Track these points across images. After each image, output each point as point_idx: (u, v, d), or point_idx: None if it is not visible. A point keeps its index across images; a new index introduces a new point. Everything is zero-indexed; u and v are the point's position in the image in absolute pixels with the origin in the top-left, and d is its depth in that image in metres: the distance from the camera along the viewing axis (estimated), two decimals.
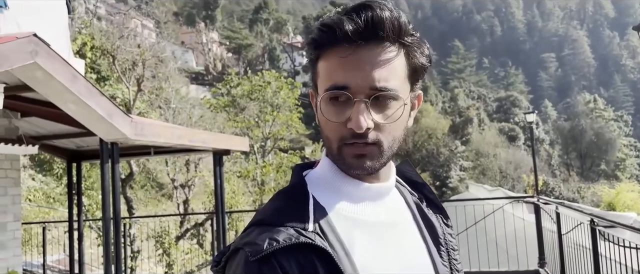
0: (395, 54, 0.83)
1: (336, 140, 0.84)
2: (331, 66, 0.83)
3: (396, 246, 0.87)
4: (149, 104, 16.24)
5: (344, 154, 0.84)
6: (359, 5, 0.82)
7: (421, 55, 0.86)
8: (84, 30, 18.78)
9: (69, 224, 7.47)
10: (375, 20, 0.80)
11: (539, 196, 8.98)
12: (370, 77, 0.80)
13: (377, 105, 0.81)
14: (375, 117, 0.81)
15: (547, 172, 42.48)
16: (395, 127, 0.84)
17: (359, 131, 0.80)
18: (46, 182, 18.81)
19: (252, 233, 0.81)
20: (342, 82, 0.81)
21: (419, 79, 0.89)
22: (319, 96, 0.86)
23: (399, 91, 0.82)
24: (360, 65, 0.80)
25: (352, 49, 0.80)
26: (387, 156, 0.85)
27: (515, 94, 72.88)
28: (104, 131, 4.60)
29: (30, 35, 3.80)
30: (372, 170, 0.85)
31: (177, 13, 71.08)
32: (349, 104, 0.81)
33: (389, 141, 0.84)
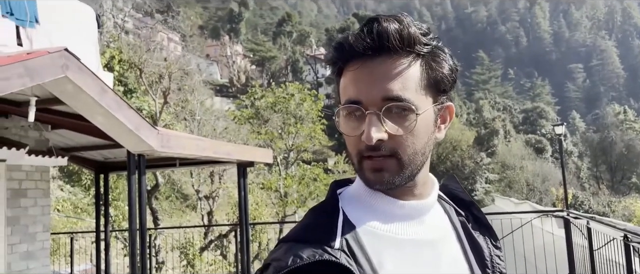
0: (408, 64, 0.82)
1: (355, 154, 0.84)
2: (345, 82, 0.84)
3: (432, 267, 0.84)
4: (175, 116, 16.48)
5: (363, 167, 0.83)
6: (367, 20, 0.83)
7: (441, 65, 0.85)
8: (112, 44, 19.23)
9: (96, 234, 7.58)
10: (380, 32, 0.80)
11: (569, 210, 8.76)
12: (381, 89, 0.80)
13: (391, 117, 0.80)
14: (389, 128, 0.80)
15: (576, 186, 41.47)
16: (415, 139, 0.82)
17: (369, 143, 0.79)
18: (74, 193, 19.19)
19: (280, 249, 0.80)
20: (355, 96, 0.82)
21: (444, 90, 0.87)
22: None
23: (414, 102, 0.81)
24: (371, 78, 0.81)
25: (361, 62, 0.81)
26: (409, 169, 0.83)
27: (542, 106, 71.73)
28: (131, 143, 4.66)
29: (61, 50, 3.88)
30: (391, 184, 0.83)
31: (202, 26, 72.32)
32: (362, 118, 0.81)
33: (408, 153, 0.82)
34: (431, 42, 0.84)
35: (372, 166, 0.82)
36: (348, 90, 0.83)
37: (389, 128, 0.80)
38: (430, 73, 0.84)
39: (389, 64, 0.81)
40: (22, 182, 5.61)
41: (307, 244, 0.78)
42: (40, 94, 4.47)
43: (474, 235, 0.95)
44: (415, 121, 0.81)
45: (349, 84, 0.83)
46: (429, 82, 0.84)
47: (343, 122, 0.84)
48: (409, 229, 0.86)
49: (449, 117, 0.90)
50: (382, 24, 0.81)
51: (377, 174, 0.82)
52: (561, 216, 7.96)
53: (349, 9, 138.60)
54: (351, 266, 0.76)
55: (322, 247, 0.77)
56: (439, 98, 0.86)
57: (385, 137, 0.80)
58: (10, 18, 5.09)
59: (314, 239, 0.79)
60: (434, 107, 0.85)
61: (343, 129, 0.84)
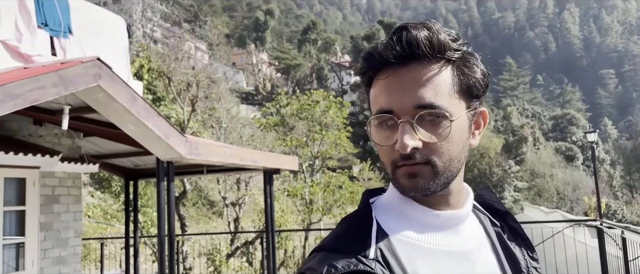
0: (438, 71, 0.81)
1: (389, 164, 0.83)
2: (376, 91, 0.84)
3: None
4: (202, 123, 16.70)
5: (397, 176, 0.82)
6: (396, 28, 0.82)
7: (472, 70, 0.84)
8: (141, 53, 19.63)
9: (126, 240, 7.70)
10: (409, 40, 0.80)
11: (602, 220, 8.52)
12: (413, 97, 0.79)
13: (424, 124, 0.79)
14: (422, 136, 0.79)
15: (609, 194, 40.30)
16: (450, 145, 0.81)
17: (404, 151, 0.78)
18: (104, 199, 19.58)
19: (313, 258, 0.80)
20: (386, 105, 0.81)
21: (477, 96, 0.85)
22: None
23: (448, 108, 0.80)
24: (402, 86, 0.80)
25: (391, 71, 0.81)
26: (444, 176, 0.81)
27: (572, 112, 70.15)
28: (160, 151, 4.73)
29: (94, 60, 3.98)
30: (427, 191, 0.81)
31: (228, 35, 73.29)
32: (395, 127, 0.80)
33: (443, 160, 0.81)
34: (461, 48, 0.83)
35: (406, 171, 0.81)
36: (379, 99, 0.82)
37: (422, 136, 0.79)
38: (462, 79, 0.83)
39: (419, 71, 0.80)
40: (55, 189, 5.75)
41: (342, 253, 0.77)
42: (73, 103, 4.58)
43: (510, 246, 0.93)
44: (450, 128, 0.80)
45: (380, 93, 0.82)
46: (461, 88, 0.83)
47: (375, 132, 0.83)
48: (444, 240, 0.84)
49: (483, 123, 0.89)
50: (411, 32, 0.80)
51: (412, 180, 0.81)
52: (594, 226, 7.75)
53: (374, 16, 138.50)
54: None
55: (356, 257, 0.76)
56: (471, 104, 0.85)
57: (420, 145, 0.79)
58: (45, 29, 5.24)
59: (348, 249, 0.78)
60: (468, 113, 0.84)
61: (375, 138, 0.83)
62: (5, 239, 5.08)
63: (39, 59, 5.04)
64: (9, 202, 5.15)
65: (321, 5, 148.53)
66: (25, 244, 5.30)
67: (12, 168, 5.09)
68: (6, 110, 3.24)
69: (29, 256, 5.31)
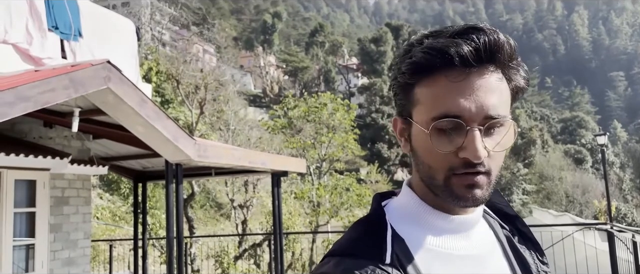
0: (501, 78, 0.79)
1: (444, 170, 0.79)
2: (440, 92, 0.78)
3: None
4: (210, 126, 16.75)
5: (453, 184, 0.79)
6: (469, 29, 0.78)
7: (522, 78, 0.82)
8: (150, 56, 19.75)
9: (134, 242, 7.74)
10: (493, 43, 0.76)
11: (613, 223, 8.44)
12: (484, 104, 0.76)
13: (487, 132, 0.77)
14: (489, 145, 0.77)
15: (618, 197, 39.97)
16: (503, 154, 0.80)
17: (478, 160, 0.76)
18: (113, 201, 19.68)
19: (328, 263, 0.78)
20: (456, 109, 0.76)
21: (516, 102, 0.85)
22: (414, 123, 0.81)
23: (509, 118, 0.79)
24: (474, 91, 0.76)
25: (465, 73, 0.76)
26: (494, 184, 0.81)
27: (582, 115, 69.77)
28: (169, 153, 4.75)
29: (103, 62, 4.00)
30: (481, 201, 0.79)
31: (236, 38, 73.59)
32: (459, 132, 0.77)
33: (497, 169, 0.80)
34: (517, 56, 0.81)
35: (468, 182, 0.78)
36: (446, 102, 0.77)
37: (489, 145, 0.77)
38: (512, 86, 0.82)
39: (488, 77, 0.77)
40: (65, 191, 5.79)
41: (357, 258, 0.76)
42: (83, 105, 4.61)
43: (520, 250, 0.92)
44: (508, 136, 0.79)
45: (447, 95, 0.77)
46: (512, 95, 0.82)
47: (435, 135, 0.78)
48: (458, 244, 0.84)
49: (516, 128, 0.87)
50: (490, 36, 0.76)
51: (470, 190, 0.78)
52: (604, 229, 7.68)
53: (381, 18, 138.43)
54: None
55: (373, 262, 0.76)
56: (512, 110, 0.84)
57: (486, 154, 0.77)
58: (55, 32, 5.29)
59: (363, 253, 0.77)
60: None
61: (435, 143, 0.78)
62: (15, 240, 5.12)
63: (49, 61, 5.08)
64: (19, 203, 5.19)
65: (328, 8, 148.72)
66: (35, 245, 5.33)
67: (23, 170, 5.13)
68: (17, 112, 3.26)
69: (38, 257, 5.35)
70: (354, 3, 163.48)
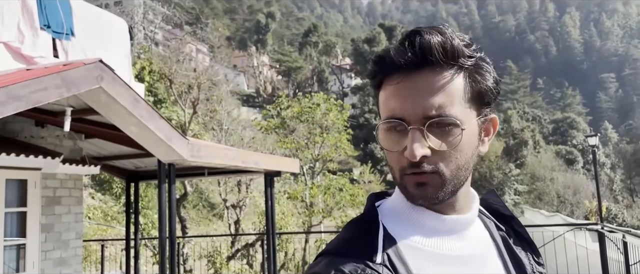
0: (451, 78, 0.79)
1: (397, 170, 0.82)
2: (386, 96, 0.82)
3: None
4: (203, 126, 16.70)
5: (406, 183, 0.81)
6: (409, 33, 0.80)
7: (485, 77, 0.82)
8: (142, 55, 19.67)
9: (126, 242, 7.70)
10: (423, 45, 0.78)
11: (603, 223, 8.51)
12: (424, 104, 0.78)
13: (435, 132, 0.78)
14: (432, 144, 0.78)
15: (609, 198, 40.27)
16: (458, 154, 0.80)
17: (413, 159, 0.77)
18: (105, 201, 19.58)
19: (320, 263, 0.79)
20: (397, 111, 0.79)
21: (488, 103, 0.84)
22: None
23: (459, 116, 0.78)
24: (414, 92, 0.78)
25: (403, 76, 0.79)
26: (452, 184, 0.81)
27: (573, 116, 70.25)
28: (162, 153, 4.73)
29: (96, 61, 3.99)
30: (435, 200, 0.81)
31: (229, 38, 73.44)
32: (405, 133, 0.79)
33: (451, 168, 0.80)
34: (475, 54, 0.81)
35: (415, 180, 0.80)
36: (390, 104, 0.81)
37: (432, 144, 0.78)
38: (474, 86, 0.81)
39: (431, 77, 0.79)
40: (56, 190, 5.75)
41: (349, 258, 0.77)
42: (75, 105, 4.59)
43: (516, 250, 0.93)
44: (461, 136, 0.79)
45: (391, 98, 0.81)
46: (473, 95, 0.81)
47: (384, 137, 0.82)
48: (451, 245, 0.84)
49: (492, 130, 0.88)
50: (424, 37, 0.78)
51: (420, 189, 0.80)
52: (595, 230, 7.74)
53: (375, 19, 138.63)
54: None
55: (364, 261, 0.76)
56: (482, 110, 0.84)
57: (429, 153, 0.78)
58: (47, 31, 5.26)
59: (355, 253, 0.78)
60: (478, 121, 0.83)
61: (384, 144, 0.82)
62: (6, 240, 5.08)
63: (41, 60, 5.05)
64: (10, 203, 5.15)
65: (322, 8, 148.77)
66: (26, 245, 5.30)
67: (14, 169, 5.09)
68: (9, 111, 3.24)
69: (30, 257, 5.32)
70: (347, 3, 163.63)
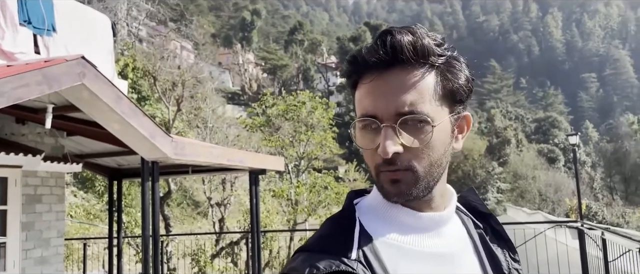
0: (421, 76, 0.81)
1: (373, 167, 0.84)
2: (360, 95, 0.84)
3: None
4: (187, 123, 16.60)
5: (381, 180, 0.83)
6: (380, 32, 0.82)
7: (456, 75, 0.84)
8: (126, 52, 19.47)
9: (109, 240, 7.63)
10: (394, 45, 0.80)
11: (583, 221, 8.66)
12: (396, 102, 0.80)
13: (407, 129, 0.80)
14: (405, 141, 0.80)
15: (590, 196, 40.92)
16: (431, 150, 0.81)
17: (385, 156, 0.79)
18: (87, 199, 19.35)
19: (297, 259, 0.81)
20: (370, 109, 0.81)
21: (460, 100, 0.86)
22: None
23: (430, 114, 0.80)
24: (386, 90, 0.80)
25: (375, 75, 0.81)
26: (426, 181, 0.82)
27: (555, 115, 71.21)
28: (145, 150, 4.70)
29: (78, 58, 3.94)
30: (409, 196, 0.82)
31: (214, 35, 72.94)
32: (378, 131, 0.80)
33: (424, 165, 0.81)
34: (446, 53, 0.83)
35: (389, 177, 0.82)
36: (363, 103, 0.82)
37: (404, 141, 0.79)
38: (445, 84, 0.83)
39: (403, 76, 0.80)
40: (37, 188, 5.68)
41: (324, 254, 0.78)
42: (56, 101, 4.53)
43: (492, 248, 0.94)
44: (432, 133, 0.80)
45: (364, 97, 0.82)
46: (444, 93, 0.83)
47: (359, 135, 0.84)
48: (427, 242, 0.85)
49: (466, 127, 0.90)
50: (395, 36, 0.80)
51: (394, 185, 0.82)
52: (575, 227, 7.87)
53: (361, 18, 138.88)
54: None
55: (339, 258, 0.77)
56: (455, 108, 0.85)
57: (401, 150, 0.79)
58: (28, 26, 5.18)
59: (331, 249, 0.79)
60: (451, 118, 0.85)
61: (359, 142, 0.83)
62: None
63: (22, 56, 4.98)
64: None
65: (308, 6, 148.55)
66: (7, 244, 5.22)
67: None
68: None
69: (10, 256, 5.24)
70: (333, 2, 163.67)
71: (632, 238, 6.17)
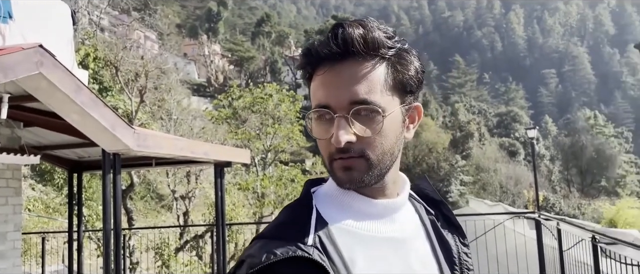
0: (372, 68, 0.84)
1: (326, 157, 0.87)
2: (314, 87, 0.86)
3: (403, 264, 0.87)
4: (151, 115, 16.29)
5: (334, 168, 0.86)
6: (333, 26, 0.85)
7: (406, 67, 0.87)
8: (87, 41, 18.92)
9: (69, 234, 7.45)
10: (345, 38, 0.83)
11: (540, 212, 8.96)
12: (348, 93, 0.82)
13: (359, 119, 0.83)
14: (357, 130, 0.83)
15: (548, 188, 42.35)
16: (383, 139, 0.85)
17: (338, 145, 0.82)
18: (46, 192, 18.78)
19: (254, 245, 0.83)
20: (323, 100, 0.84)
21: (411, 91, 0.89)
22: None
23: (381, 104, 0.83)
24: (338, 82, 0.83)
25: (328, 67, 0.84)
26: (378, 168, 0.85)
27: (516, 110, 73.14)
28: (106, 142, 4.61)
29: (36, 46, 3.83)
30: (361, 183, 0.85)
31: (180, 25, 71.63)
32: (332, 121, 0.83)
33: (376, 153, 0.84)
34: (396, 45, 0.86)
35: (342, 165, 0.84)
36: (317, 94, 0.85)
37: (357, 130, 0.83)
38: (396, 75, 0.86)
39: (355, 68, 0.83)
40: None
41: (281, 241, 0.80)
42: (13, 91, 4.39)
43: (443, 233, 0.98)
44: (383, 123, 0.83)
45: (318, 88, 0.85)
46: (395, 84, 0.86)
47: (314, 125, 0.86)
48: (380, 227, 0.88)
49: (417, 117, 0.93)
50: (346, 30, 0.83)
51: (346, 173, 0.85)
52: (532, 218, 8.15)
53: (328, 11, 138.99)
54: (323, 262, 0.79)
55: (295, 244, 0.79)
56: (406, 99, 0.89)
57: (354, 139, 0.82)
58: None
59: (287, 236, 0.81)
60: (402, 108, 0.88)
61: (314, 132, 0.86)
62: None
63: None
64: None
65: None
66: None
67: None
68: None
69: None
70: None
71: (585, 228, 6.43)
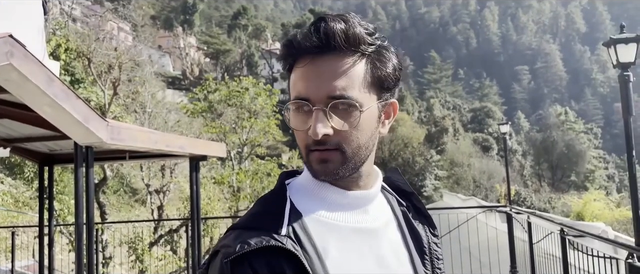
0: (352, 63, 0.86)
1: (304, 148, 0.88)
2: (294, 79, 0.88)
3: (375, 254, 0.90)
4: (125, 108, 16.04)
5: (311, 160, 0.88)
6: (316, 19, 0.87)
7: (385, 64, 0.89)
8: (58, 32, 18.50)
9: (39, 229, 7.30)
10: (327, 32, 0.84)
11: (511, 206, 9.16)
12: (327, 87, 0.84)
13: (337, 113, 0.85)
14: (334, 124, 0.84)
15: (520, 183, 43.23)
16: (359, 133, 0.87)
17: (316, 137, 0.84)
18: (15, 186, 18.34)
19: (229, 236, 0.84)
20: (303, 92, 0.85)
21: (388, 88, 0.91)
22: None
23: (358, 99, 0.85)
24: (318, 75, 0.85)
25: (309, 60, 0.85)
26: (353, 161, 0.88)
27: (490, 105, 74.23)
28: (79, 135, 4.53)
29: (5, 36, 3.73)
30: (336, 175, 0.87)
31: (154, 17, 70.41)
32: (310, 113, 0.85)
33: (352, 147, 0.87)
34: (376, 42, 0.88)
35: (318, 157, 0.86)
36: (297, 86, 0.87)
37: (334, 123, 0.84)
38: (374, 71, 0.88)
39: (335, 62, 0.85)
40: None
41: (255, 231, 0.82)
42: None
43: (414, 224, 1.01)
44: (360, 118, 0.85)
45: (298, 80, 0.87)
46: (373, 80, 0.88)
47: (292, 117, 0.88)
48: (353, 218, 0.91)
49: (393, 113, 0.95)
50: (328, 24, 0.84)
51: (322, 165, 0.87)
52: (504, 212, 8.32)
53: (305, 4, 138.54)
54: (297, 251, 0.81)
55: (269, 234, 0.81)
56: (383, 95, 0.91)
57: (331, 132, 0.84)
58: None
59: (261, 226, 0.83)
60: (378, 104, 0.90)
61: (292, 123, 0.88)
62: None
63: None
64: None
65: None
66: None
67: None
68: None
69: None
70: None
71: (554, 221, 6.61)
